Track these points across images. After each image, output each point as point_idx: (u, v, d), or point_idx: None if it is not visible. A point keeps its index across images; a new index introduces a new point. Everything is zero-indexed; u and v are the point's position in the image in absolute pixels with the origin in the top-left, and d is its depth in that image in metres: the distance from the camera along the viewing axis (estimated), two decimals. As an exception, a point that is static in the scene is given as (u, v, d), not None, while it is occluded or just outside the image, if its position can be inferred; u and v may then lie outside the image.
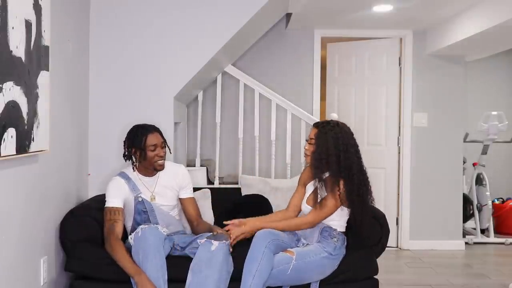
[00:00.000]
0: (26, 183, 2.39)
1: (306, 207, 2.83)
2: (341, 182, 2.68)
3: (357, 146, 2.77)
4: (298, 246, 2.73)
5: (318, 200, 2.72)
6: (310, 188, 2.86)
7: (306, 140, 2.83)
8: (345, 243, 2.78)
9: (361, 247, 2.86)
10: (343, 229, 2.80)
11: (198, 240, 2.72)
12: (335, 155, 2.66)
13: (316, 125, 2.81)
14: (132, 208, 2.86)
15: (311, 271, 2.62)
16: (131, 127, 2.93)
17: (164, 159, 2.91)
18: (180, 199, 3.02)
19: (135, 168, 2.90)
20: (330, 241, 2.70)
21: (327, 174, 2.74)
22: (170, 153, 3.04)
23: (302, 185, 2.93)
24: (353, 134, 2.77)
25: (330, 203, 2.69)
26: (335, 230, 2.74)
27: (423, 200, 5.28)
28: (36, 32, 2.31)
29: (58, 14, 2.74)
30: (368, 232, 2.81)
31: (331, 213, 2.71)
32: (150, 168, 2.89)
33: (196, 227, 2.95)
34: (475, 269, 4.59)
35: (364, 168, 2.77)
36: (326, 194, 2.71)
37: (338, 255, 2.71)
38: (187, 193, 3.02)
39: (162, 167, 2.90)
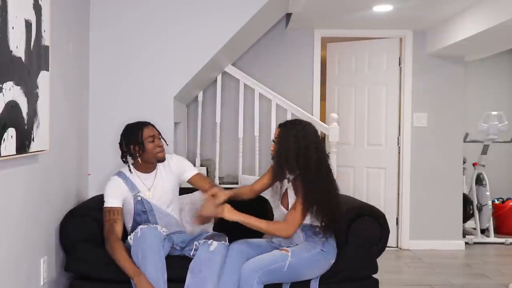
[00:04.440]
0: (26, 183, 2.39)
1: (281, 210, 2.83)
2: (299, 181, 2.69)
3: (321, 144, 2.78)
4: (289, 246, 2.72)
5: (289, 202, 2.74)
6: (279, 189, 2.87)
7: (273, 140, 2.85)
8: (333, 236, 2.76)
9: (361, 247, 2.86)
10: (319, 223, 2.74)
11: (196, 242, 2.72)
12: (294, 152, 2.68)
13: (279, 125, 2.84)
14: (131, 208, 2.86)
15: (307, 267, 2.62)
16: (123, 128, 2.94)
17: (164, 151, 2.92)
18: (189, 181, 3.03)
19: (131, 170, 2.90)
20: (317, 239, 2.70)
21: (293, 175, 2.76)
22: (167, 145, 3.04)
23: (271, 179, 2.90)
24: (317, 132, 2.80)
25: (298, 208, 2.67)
26: (315, 226, 2.72)
27: (423, 200, 5.27)
28: (36, 32, 2.32)
29: (58, 14, 2.74)
30: (341, 229, 2.80)
31: (302, 218, 2.69)
32: (152, 160, 2.89)
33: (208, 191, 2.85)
34: (475, 269, 4.58)
35: (329, 167, 2.75)
36: (294, 195, 2.72)
37: (330, 250, 2.70)
38: (190, 172, 3.03)
39: (163, 157, 2.91)
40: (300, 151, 2.67)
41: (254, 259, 2.57)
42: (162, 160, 2.92)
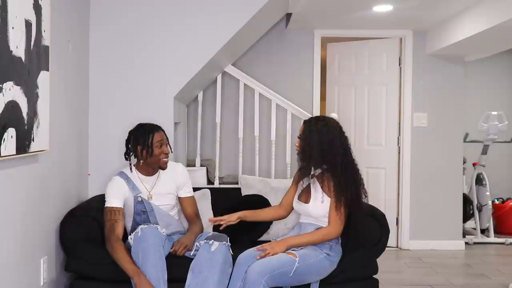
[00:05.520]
0: (26, 183, 2.39)
1: (298, 204, 2.84)
2: (327, 175, 2.71)
3: (346, 139, 2.80)
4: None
5: (312, 196, 2.74)
6: (301, 185, 2.88)
7: (298, 137, 2.87)
8: (340, 241, 2.77)
9: (361, 247, 2.86)
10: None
11: (197, 243, 2.72)
12: (318, 147, 2.70)
13: (304, 121, 2.88)
14: (131, 208, 2.86)
15: (312, 273, 2.63)
16: (135, 125, 2.92)
17: (168, 158, 2.91)
18: (179, 198, 3.02)
19: (132, 169, 2.89)
20: (325, 242, 2.70)
21: (318, 171, 2.76)
22: (172, 152, 3.04)
23: (295, 184, 2.94)
24: (341, 128, 2.81)
25: (334, 205, 2.69)
26: None
27: (423, 200, 5.27)
28: (36, 32, 2.32)
29: (58, 14, 2.74)
30: (362, 227, 2.80)
31: (343, 212, 2.70)
32: (154, 165, 2.88)
33: (189, 226, 2.96)
34: (475, 269, 4.58)
35: (354, 161, 2.79)
36: (320, 190, 2.73)
37: (335, 254, 2.71)
38: (186, 192, 3.02)
39: (166, 165, 2.90)
40: (324, 146, 2.70)
41: (261, 262, 2.55)
42: (164, 167, 2.90)
